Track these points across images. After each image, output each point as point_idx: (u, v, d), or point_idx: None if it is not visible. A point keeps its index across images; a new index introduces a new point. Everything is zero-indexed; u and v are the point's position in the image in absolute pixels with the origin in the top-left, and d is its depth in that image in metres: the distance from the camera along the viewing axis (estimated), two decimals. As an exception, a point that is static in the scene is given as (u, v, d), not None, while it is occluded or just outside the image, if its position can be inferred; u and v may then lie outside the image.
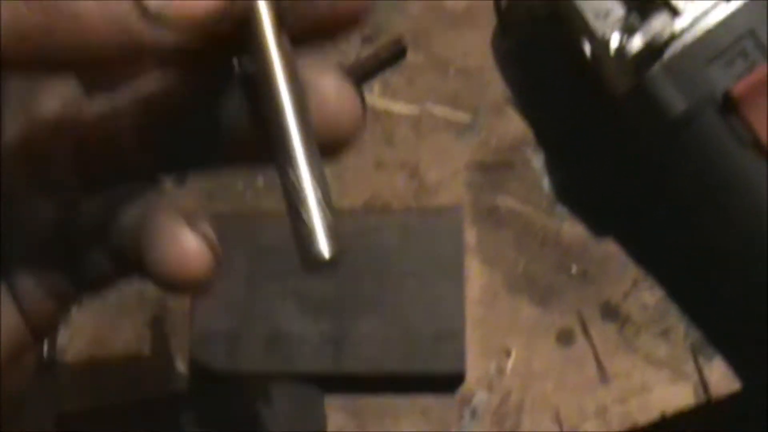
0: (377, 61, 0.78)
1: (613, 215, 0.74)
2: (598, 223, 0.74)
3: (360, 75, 0.78)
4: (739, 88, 0.61)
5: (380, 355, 0.71)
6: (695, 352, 0.71)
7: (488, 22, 0.78)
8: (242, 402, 0.60)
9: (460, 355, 0.71)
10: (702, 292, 0.71)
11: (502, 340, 0.73)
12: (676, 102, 0.63)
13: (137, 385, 0.77)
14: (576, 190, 0.74)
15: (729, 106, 0.62)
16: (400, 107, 0.78)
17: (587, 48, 0.67)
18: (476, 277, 0.74)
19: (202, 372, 0.72)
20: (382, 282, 0.72)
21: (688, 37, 0.62)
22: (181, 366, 0.76)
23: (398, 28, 0.79)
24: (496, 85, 0.77)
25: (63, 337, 0.79)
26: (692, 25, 0.62)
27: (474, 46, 0.78)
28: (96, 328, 0.79)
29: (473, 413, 0.72)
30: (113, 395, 0.74)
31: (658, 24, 0.62)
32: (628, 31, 0.64)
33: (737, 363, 0.70)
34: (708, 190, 0.65)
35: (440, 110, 0.77)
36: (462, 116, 0.77)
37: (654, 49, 0.62)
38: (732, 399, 0.70)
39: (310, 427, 0.72)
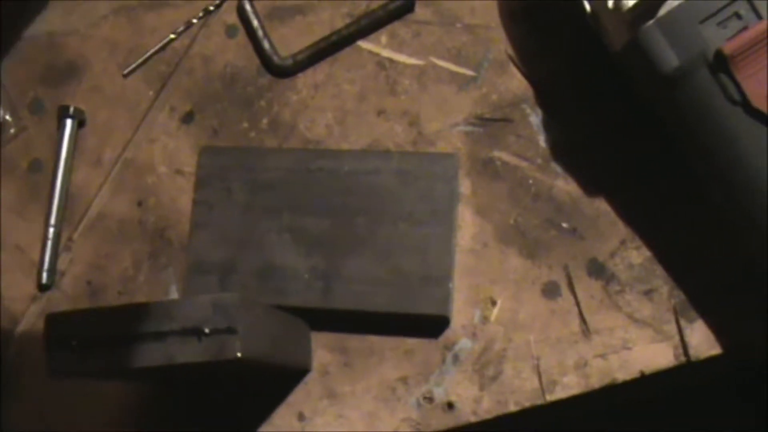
0: (386, 13, 0.80)
1: (605, 174, 0.75)
2: (591, 181, 0.75)
3: (368, 25, 0.80)
4: (729, 47, 0.62)
5: (368, 293, 0.73)
6: (677, 314, 0.72)
7: (496, -21, 0.80)
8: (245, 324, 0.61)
9: (446, 299, 0.72)
10: (689, 254, 0.72)
11: (488, 289, 0.74)
12: (669, 58, 0.64)
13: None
14: (571, 149, 0.76)
15: (720, 64, 0.63)
16: (405, 58, 0.80)
17: (587, 4, 0.68)
18: (468, 226, 0.75)
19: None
20: (375, 222, 0.74)
21: (683, -5, 0.63)
22: (175, 295, 0.78)
23: (409, -19, 0.81)
24: (499, 43, 0.79)
25: (63, 261, 0.81)
26: (688, -17, 0.63)
27: (481, 2, 0.80)
28: (95, 254, 0.81)
29: (455, 358, 0.74)
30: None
31: (655, -20, 0.64)
32: (628, -13, 0.65)
33: (720, 327, 0.71)
34: (699, 146, 0.66)
35: (444, 64, 0.79)
36: (465, 71, 0.78)
37: (649, 6, 0.64)
38: (711, 362, 0.71)
39: (298, 358, 0.73)
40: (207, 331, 0.58)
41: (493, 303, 0.74)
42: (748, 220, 0.65)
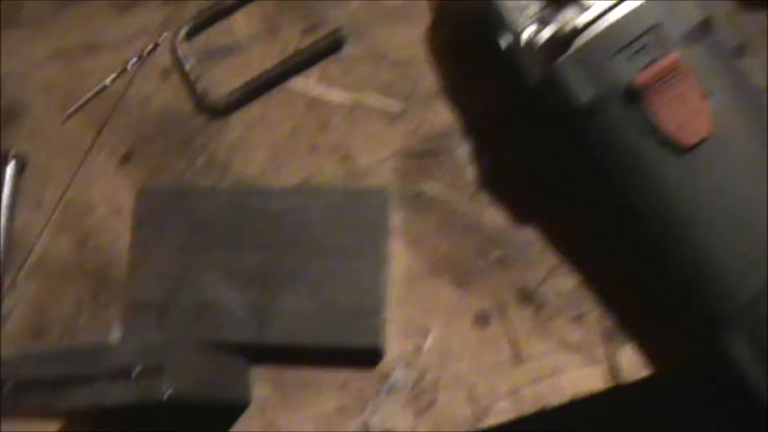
0: (315, 51, 0.82)
1: (532, 204, 0.76)
2: (518, 212, 0.77)
3: (299, 64, 0.82)
4: (641, 79, 0.64)
5: (302, 327, 0.74)
6: (607, 338, 0.73)
7: (423, 17, 0.82)
8: (173, 364, 0.63)
9: (377, 331, 0.74)
10: (616, 279, 0.74)
11: (421, 319, 0.76)
12: (583, 91, 0.66)
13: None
14: (498, 180, 0.77)
15: (632, 96, 0.65)
16: (335, 95, 0.81)
17: (503, 41, 0.70)
18: (400, 258, 0.77)
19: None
20: (307, 257, 0.75)
21: (594, 30, 0.65)
22: (117, 333, 0.79)
23: (337, 20, 0.83)
24: (427, 77, 0.80)
25: (7, 303, 0.82)
26: (598, 18, 0.65)
27: (408, 39, 0.81)
28: (38, 295, 0.82)
29: (391, 388, 0.75)
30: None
31: (567, 16, 0.65)
32: (542, 23, 0.67)
33: (648, 349, 0.72)
34: (616, 176, 0.68)
35: (374, 99, 0.81)
36: (394, 105, 0.80)
37: (562, 41, 0.65)
38: (641, 384, 0.73)
39: (235, 394, 0.75)
40: (135, 372, 0.60)
41: (426, 333, 0.75)
42: (665, 246, 0.66)
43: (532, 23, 0.68)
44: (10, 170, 0.84)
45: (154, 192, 0.80)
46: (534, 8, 0.68)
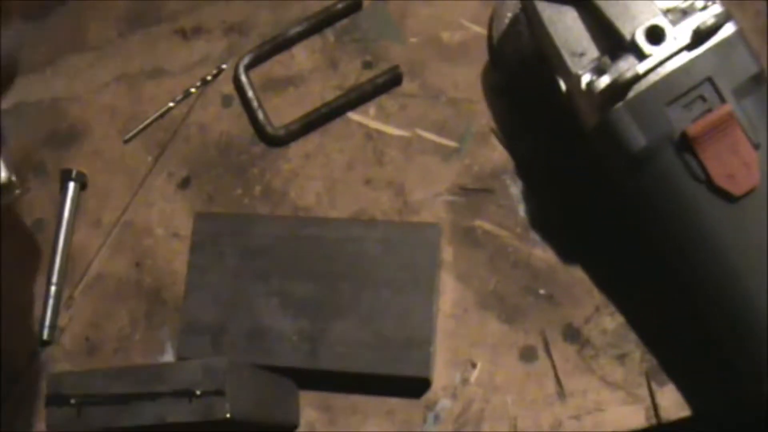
0: (374, 86, 0.84)
1: (581, 244, 0.78)
2: (567, 250, 0.78)
3: (357, 97, 0.84)
4: (694, 128, 0.66)
5: (352, 355, 0.76)
6: (649, 377, 0.75)
7: (480, 57, 0.84)
8: (233, 386, 0.65)
9: (426, 362, 0.75)
10: (660, 321, 0.76)
11: (468, 352, 0.78)
12: (637, 138, 0.68)
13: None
14: (548, 218, 0.79)
15: (685, 145, 0.66)
16: (392, 130, 0.84)
17: (562, 84, 0.72)
18: (450, 291, 0.79)
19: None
20: (360, 288, 0.77)
21: (651, 79, 0.67)
22: (170, 353, 0.82)
23: (397, 57, 0.85)
24: (482, 116, 0.82)
25: (63, 318, 0.84)
26: (655, 68, 0.67)
27: (465, 78, 0.84)
28: (94, 312, 0.84)
29: (436, 418, 0.77)
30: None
31: (625, 65, 0.67)
32: (599, 71, 0.69)
33: (689, 390, 0.74)
34: (665, 222, 0.70)
35: (429, 135, 0.83)
36: (448, 142, 0.82)
37: (619, 88, 0.67)
38: (681, 424, 0.74)
39: (285, 416, 0.77)
40: (197, 393, 0.62)
41: (473, 365, 0.77)
42: (712, 296, 0.68)
43: (589, 70, 0.69)
44: (71, 189, 0.86)
45: (212, 217, 0.82)
46: (592, 55, 0.70)
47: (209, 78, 0.88)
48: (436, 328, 0.77)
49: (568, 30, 0.71)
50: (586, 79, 0.69)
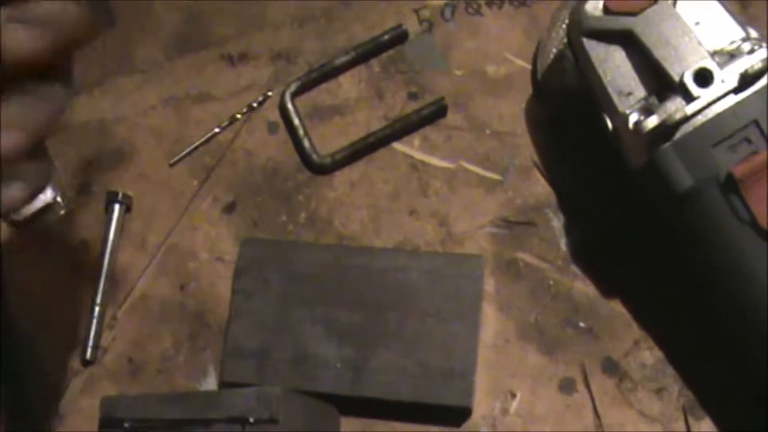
0: (419, 117, 0.85)
1: (621, 278, 0.79)
2: (608, 284, 0.80)
3: (403, 128, 0.85)
4: (740, 170, 0.67)
5: (395, 383, 0.77)
6: (686, 412, 0.76)
7: (524, 90, 0.85)
8: (285, 415, 0.66)
9: (468, 392, 0.77)
10: (698, 356, 0.77)
11: (508, 382, 0.79)
12: (683, 178, 0.69)
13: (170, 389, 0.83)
14: (590, 253, 0.81)
15: (731, 186, 0.67)
16: (436, 161, 0.85)
17: (609, 122, 0.73)
18: (491, 322, 0.80)
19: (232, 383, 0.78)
20: (404, 317, 0.78)
21: (698, 121, 0.68)
22: (212, 376, 0.83)
23: (442, 89, 0.87)
24: (525, 149, 0.84)
25: (106, 338, 0.86)
26: (703, 110, 0.68)
27: (509, 111, 0.85)
28: (137, 333, 0.86)
29: (476, 447, 0.78)
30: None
31: (673, 106, 0.69)
32: (646, 110, 0.70)
33: (726, 425, 0.75)
34: (709, 261, 0.71)
35: (473, 167, 0.84)
36: (492, 175, 0.84)
37: (667, 129, 0.69)
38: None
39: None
40: (251, 420, 0.63)
41: (513, 396, 0.78)
42: (755, 334, 0.69)
43: (636, 110, 0.70)
44: (116, 211, 0.88)
45: (258, 242, 0.83)
46: (639, 94, 0.71)
47: (255, 104, 0.89)
48: (477, 359, 0.78)
49: (616, 69, 0.72)
50: (633, 118, 0.71)
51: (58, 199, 0.84)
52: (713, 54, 0.69)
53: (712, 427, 0.76)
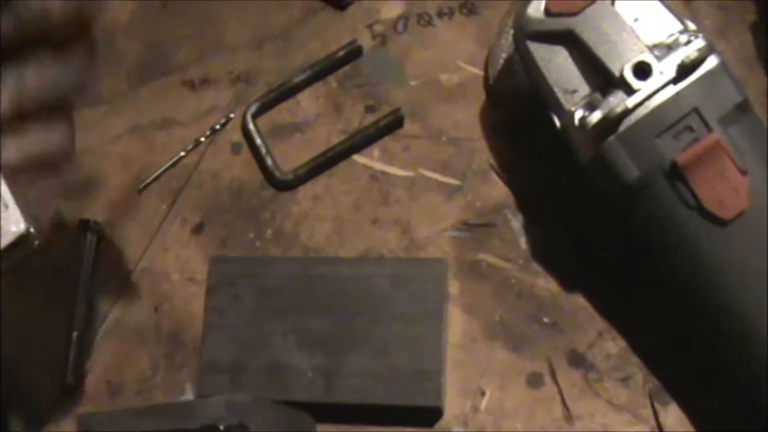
0: (377, 129, 0.87)
1: (582, 272, 0.81)
2: (569, 279, 0.81)
3: (362, 140, 0.87)
4: (683, 158, 0.69)
5: (367, 387, 0.79)
6: (652, 398, 0.78)
7: (478, 96, 0.87)
8: (256, 422, 0.68)
9: (438, 392, 0.78)
10: (660, 343, 0.78)
11: (478, 381, 0.81)
12: (630, 170, 0.71)
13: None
14: (550, 250, 0.82)
15: (676, 174, 0.69)
16: (396, 170, 0.87)
17: (557, 120, 0.75)
18: (457, 323, 0.82)
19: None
20: (372, 322, 0.80)
21: (640, 113, 0.70)
22: (190, 393, 0.84)
23: (398, 99, 0.89)
24: (482, 153, 0.86)
25: (84, 364, 0.87)
26: (644, 102, 0.70)
27: (464, 117, 0.87)
28: (115, 356, 0.87)
29: (449, 446, 0.80)
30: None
31: (615, 100, 0.71)
32: (591, 106, 0.72)
33: (692, 409, 0.77)
34: (661, 248, 0.73)
35: (432, 174, 0.86)
36: (451, 180, 0.85)
37: (610, 122, 0.70)
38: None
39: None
40: (222, 428, 0.65)
41: (483, 394, 0.80)
42: (712, 317, 0.71)
43: (581, 106, 0.72)
44: (89, 239, 0.89)
45: (227, 260, 0.85)
46: (583, 92, 0.73)
47: (218, 127, 0.91)
48: (446, 359, 0.79)
49: (560, 69, 0.74)
50: (578, 114, 0.73)
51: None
52: (652, 47, 0.71)
53: (679, 412, 0.77)
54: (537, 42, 0.75)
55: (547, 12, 0.74)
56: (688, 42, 0.70)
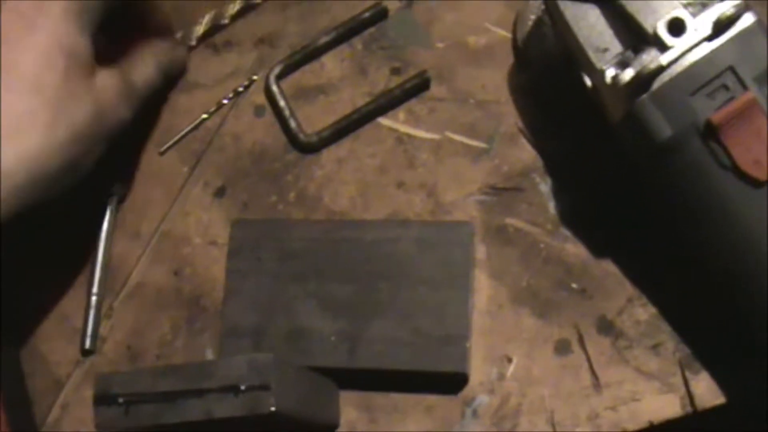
0: (403, 91, 0.86)
1: (611, 237, 0.80)
2: (598, 244, 0.80)
3: (387, 103, 0.86)
4: (718, 117, 0.67)
5: (391, 353, 0.78)
6: (683, 367, 0.76)
7: (506, 58, 0.86)
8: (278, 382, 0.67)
9: (463, 358, 0.77)
10: (692, 310, 0.77)
11: (504, 347, 0.79)
12: (663, 129, 0.69)
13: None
14: (578, 213, 0.81)
15: (710, 133, 0.68)
16: (422, 133, 0.85)
17: (588, 80, 0.73)
18: (483, 289, 0.80)
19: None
20: (396, 287, 0.79)
21: (674, 70, 0.69)
22: (211, 357, 0.83)
23: (424, 62, 0.87)
24: (510, 116, 0.84)
25: (104, 327, 0.86)
26: (678, 59, 0.69)
27: (492, 80, 0.85)
28: (135, 320, 0.86)
29: (474, 413, 0.78)
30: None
31: (648, 57, 0.69)
32: (623, 64, 0.71)
33: (723, 378, 0.75)
34: (694, 210, 0.71)
35: (458, 137, 0.84)
36: (478, 143, 0.84)
37: (643, 80, 0.69)
38: (716, 411, 0.75)
39: (327, 415, 0.78)
40: (243, 388, 0.64)
41: (509, 360, 0.78)
42: (741, 280, 0.69)
43: (613, 65, 0.71)
44: (110, 202, 0.88)
45: (249, 223, 0.84)
46: (615, 50, 0.72)
47: (241, 89, 0.90)
48: (471, 325, 0.78)
49: (591, 27, 0.73)
50: (610, 73, 0.71)
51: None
52: (686, 4, 0.70)
53: (710, 381, 0.75)
54: (568, 0, 0.73)
55: (578, -31, 0.73)
56: (723, -1, 0.69)
